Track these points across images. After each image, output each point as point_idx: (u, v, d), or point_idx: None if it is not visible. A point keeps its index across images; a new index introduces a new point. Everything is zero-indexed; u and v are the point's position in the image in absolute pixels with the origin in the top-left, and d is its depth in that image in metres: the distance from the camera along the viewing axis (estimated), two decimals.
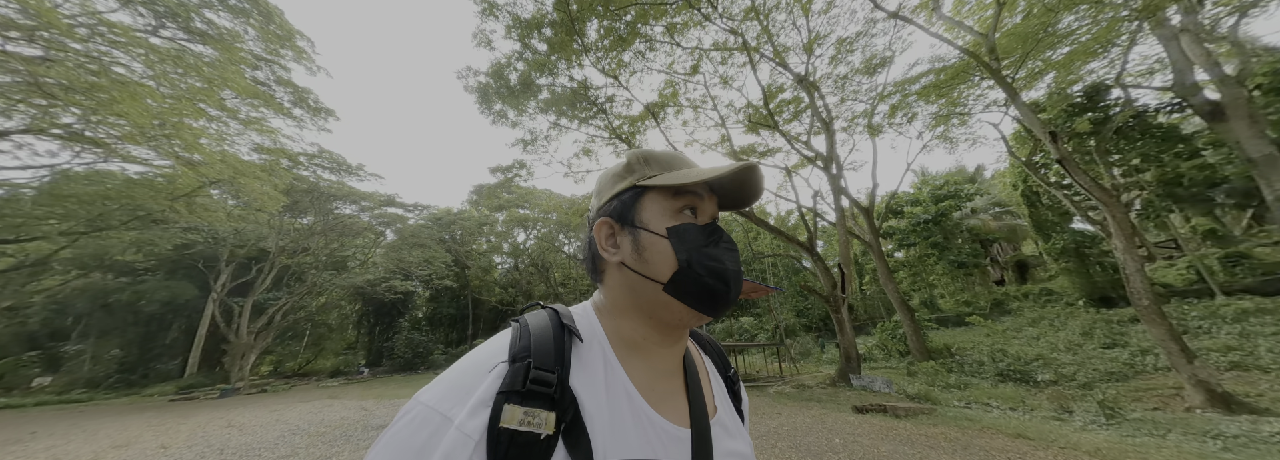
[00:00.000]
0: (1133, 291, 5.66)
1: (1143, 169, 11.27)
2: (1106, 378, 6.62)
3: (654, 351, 0.45)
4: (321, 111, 12.27)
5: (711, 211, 0.46)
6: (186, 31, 9.01)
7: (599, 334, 0.44)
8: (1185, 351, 5.21)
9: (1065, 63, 9.89)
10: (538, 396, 0.34)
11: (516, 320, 0.43)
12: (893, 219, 18.91)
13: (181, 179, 9.18)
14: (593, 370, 0.40)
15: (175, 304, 17.38)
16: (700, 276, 0.42)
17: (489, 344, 0.41)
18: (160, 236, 13.38)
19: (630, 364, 0.43)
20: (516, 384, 0.34)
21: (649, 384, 0.43)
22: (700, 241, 0.43)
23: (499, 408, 0.33)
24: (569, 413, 0.35)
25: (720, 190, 0.47)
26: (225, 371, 15.53)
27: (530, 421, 0.33)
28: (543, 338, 0.39)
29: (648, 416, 0.39)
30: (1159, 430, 3.77)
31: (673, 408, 0.43)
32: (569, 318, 0.43)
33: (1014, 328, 11.20)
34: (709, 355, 0.57)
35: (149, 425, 6.79)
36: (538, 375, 0.35)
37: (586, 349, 0.41)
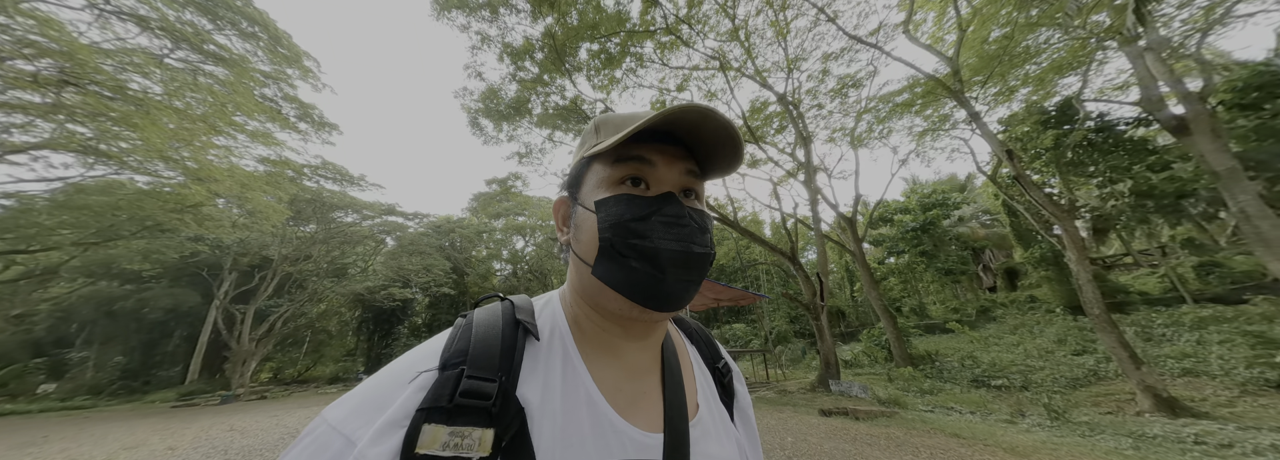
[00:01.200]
0: (1085, 301, 6.00)
1: (1117, 181, 11.68)
2: (1073, 383, 6.90)
3: (620, 346, 0.39)
4: (325, 126, 12.79)
5: (672, 179, 0.38)
6: (200, 53, 9.57)
7: (562, 327, 0.39)
8: (1134, 358, 5.53)
9: (1039, 78, 10.37)
10: (470, 411, 0.29)
11: (464, 315, 0.39)
12: (883, 226, 19.30)
13: (190, 191, 9.62)
14: (549, 373, 0.35)
15: (178, 311, 17.71)
16: (622, 257, 0.35)
17: (420, 347, 0.36)
18: (167, 245, 13.80)
19: (595, 361, 0.37)
20: (442, 398, 0.29)
21: (616, 384, 0.37)
22: (627, 214, 0.35)
23: (416, 428, 0.28)
24: (512, 428, 0.30)
25: (695, 151, 0.39)
26: (226, 378, 15.79)
27: (458, 443, 0.27)
28: (488, 337, 0.34)
29: (611, 424, 0.34)
30: (1092, 432, 4.07)
31: (644, 411, 0.37)
32: (528, 311, 0.39)
33: (997, 334, 11.48)
34: (695, 344, 0.50)
35: (154, 430, 7.09)
36: (471, 386, 0.30)
37: (544, 347, 0.36)
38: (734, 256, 19.30)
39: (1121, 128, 11.36)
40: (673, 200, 0.37)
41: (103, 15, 8.34)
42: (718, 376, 0.49)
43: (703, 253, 0.36)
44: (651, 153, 0.37)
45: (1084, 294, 5.96)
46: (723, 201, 11.01)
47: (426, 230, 22.21)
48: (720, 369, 0.49)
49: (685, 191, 0.39)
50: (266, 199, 10.59)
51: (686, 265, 0.35)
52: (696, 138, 0.37)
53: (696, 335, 0.52)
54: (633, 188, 0.37)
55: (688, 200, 0.39)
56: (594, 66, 9.38)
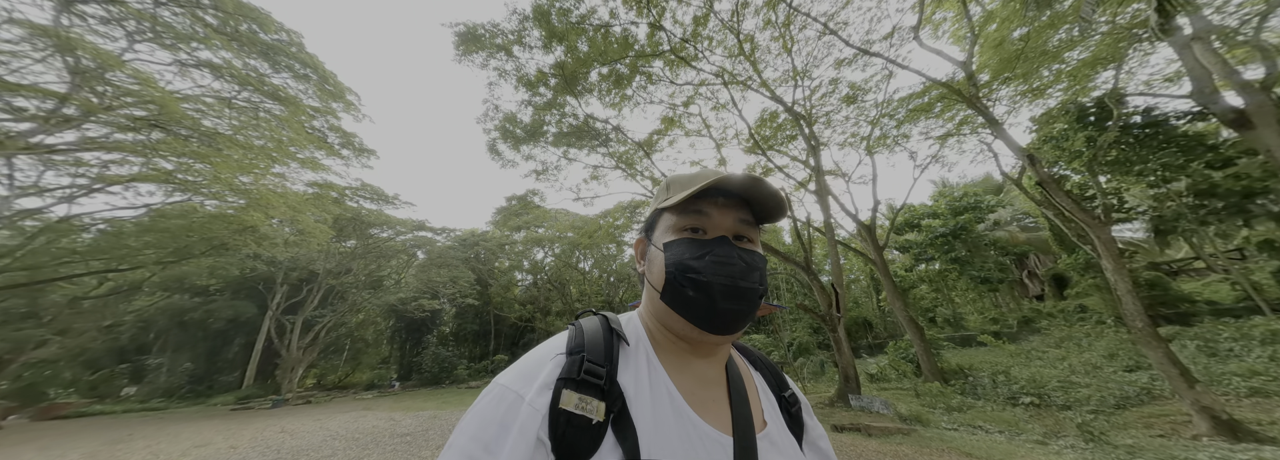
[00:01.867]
0: (1126, 313, 5.61)
1: (1171, 179, 10.75)
2: (1122, 402, 6.37)
3: (689, 360, 0.46)
4: (365, 152, 14.00)
5: (726, 226, 0.46)
6: (262, 94, 10.90)
7: (643, 338, 0.47)
8: (1186, 376, 5.09)
9: (1072, 73, 9.82)
10: (589, 386, 0.38)
11: (574, 324, 0.48)
12: (910, 232, 18.48)
13: (250, 215, 10.81)
14: (638, 370, 0.42)
15: (238, 321, 19.49)
16: (682, 287, 0.43)
17: (550, 341, 0.46)
18: (230, 262, 15.37)
19: (671, 367, 0.45)
20: (573, 372, 0.39)
21: (690, 389, 0.44)
22: (686, 254, 0.44)
23: (558, 391, 0.38)
24: (617, 404, 0.38)
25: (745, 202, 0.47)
26: (276, 383, 17.11)
27: (584, 406, 0.37)
28: (594, 337, 0.43)
29: (689, 418, 0.40)
30: (1130, 455, 3.80)
31: (715, 414, 0.43)
32: (617, 322, 0.47)
33: (1040, 348, 10.68)
34: (759, 371, 0.56)
35: (218, 430, 7.88)
36: (590, 367, 0.39)
37: (632, 351, 0.44)
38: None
39: (1172, 123, 10.53)
40: (725, 243, 0.45)
41: (185, 67, 9.75)
42: (784, 405, 0.53)
43: (749, 287, 0.43)
44: (709, 206, 0.46)
45: (1124, 305, 5.58)
46: None
47: (453, 243, 23.39)
48: (786, 398, 0.54)
49: (738, 237, 0.47)
50: (313, 220, 11.66)
51: (735, 296, 0.42)
52: (745, 192, 0.46)
53: (762, 364, 0.57)
54: (693, 234, 0.46)
55: (741, 243, 0.47)
56: (604, 88, 9.85)
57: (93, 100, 8.36)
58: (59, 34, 7.41)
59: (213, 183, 9.92)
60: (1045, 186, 6.13)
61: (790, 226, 9.95)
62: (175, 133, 8.79)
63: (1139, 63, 10.71)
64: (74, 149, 9.01)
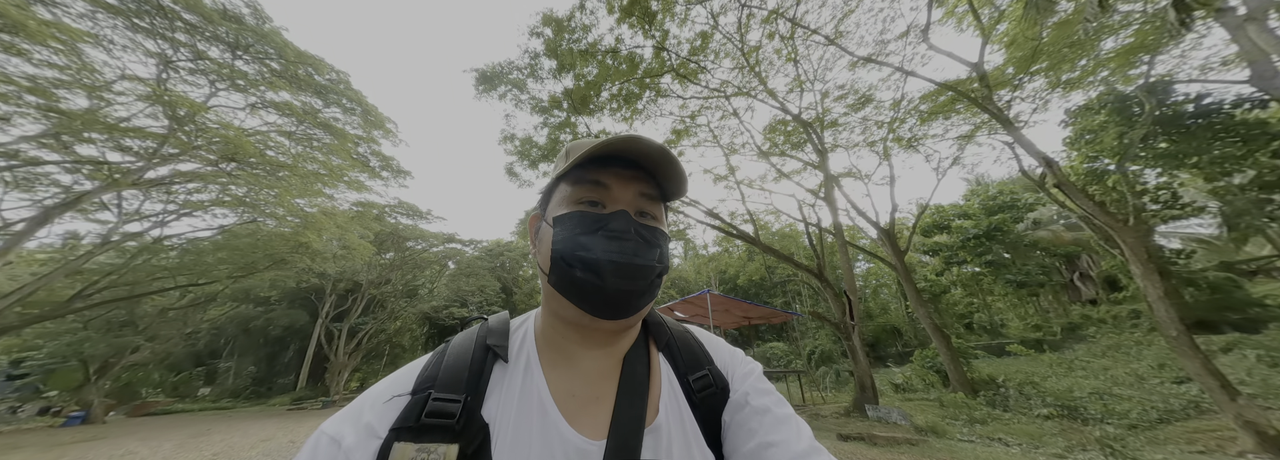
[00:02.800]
0: (1160, 321, 5.33)
1: (1231, 172, 9.83)
2: (1166, 415, 5.95)
3: (578, 353, 0.42)
4: (401, 173, 15.31)
5: (626, 199, 0.42)
6: (315, 126, 12.32)
7: (529, 341, 0.43)
8: (1227, 388, 4.78)
9: (1111, 61, 9.27)
10: (436, 429, 0.33)
11: (446, 342, 0.44)
12: (940, 234, 17.66)
13: (304, 234, 12.12)
14: (511, 388, 0.39)
15: (293, 328, 21.45)
16: (569, 267, 0.38)
17: (397, 372, 0.41)
18: (288, 275, 17.10)
19: (554, 369, 0.41)
20: (410, 419, 0.33)
21: (570, 391, 0.40)
22: (577, 228, 0.39)
23: (388, 446, 0.32)
24: (475, 442, 0.33)
25: (650, 174, 0.43)
26: (325, 386, 18.63)
27: (424, 458, 0.31)
28: (457, 362, 0.39)
29: (558, 431, 0.37)
30: None
31: (592, 417, 0.39)
32: (501, 333, 0.43)
33: (1085, 357, 9.96)
34: (668, 355, 0.48)
35: (278, 427, 8.87)
36: (437, 407, 0.34)
37: (510, 367, 0.40)
38: (765, 274, 18.81)
39: (1228, 110, 9.68)
40: (621, 216, 0.40)
41: (254, 108, 11.26)
42: (690, 390, 0.45)
43: (644, 265, 0.39)
44: (607, 176, 0.41)
45: (1156, 312, 5.30)
46: (746, 218, 11.19)
47: (480, 254, 24.68)
48: (693, 382, 0.46)
49: (640, 212, 0.42)
50: (357, 237, 12.91)
51: (627, 276, 0.38)
52: (652, 163, 0.41)
53: (672, 346, 0.49)
54: (589, 207, 0.41)
55: (642, 219, 0.42)
56: (614, 106, 10.39)
57: (184, 139, 9.87)
58: (160, 95, 8.85)
59: (277, 205, 11.29)
60: (1064, 190, 5.95)
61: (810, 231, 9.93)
62: (247, 164, 10.17)
63: (1191, 45, 9.97)
64: (168, 181, 10.59)
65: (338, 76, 12.40)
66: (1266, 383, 5.83)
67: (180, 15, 9.65)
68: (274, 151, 11.53)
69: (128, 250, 12.62)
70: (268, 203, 11.56)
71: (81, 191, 9.62)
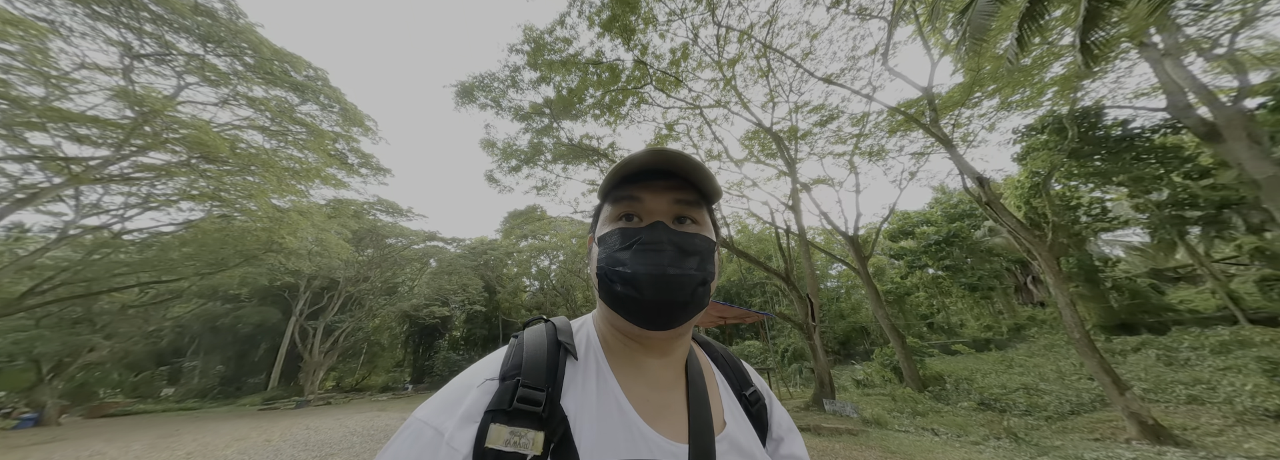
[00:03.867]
0: (1065, 324, 6.05)
1: (1151, 190, 10.97)
2: (1077, 407, 6.75)
3: (643, 361, 0.44)
4: (381, 171, 15.14)
5: (661, 210, 0.44)
6: (291, 121, 12.10)
7: (595, 344, 0.44)
8: (1117, 384, 5.52)
9: (1059, 83, 10.14)
10: (525, 415, 0.34)
11: (516, 336, 0.45)
12: (905, 239, 18.73)
13: (279, 234, 11.90)
14: (586, 385, 0.40)
15: (264, 326, 20.85)
16: (610, 282, 0.41)
17: (483, 361, 0.42)
18: (260, 272, 16.64)
19: (624, 374, 0.42)
20: (504, 402, 0.35)
21: (643, 396, 0.42)
22: (613, 245, 0.42)
23: (485, 426, 0.34)
24: (558, 432, 0.35)
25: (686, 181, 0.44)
26: (299, 386, 18.27)
27: (516, 442, 0.33)
28: (536, 355, 0.40)
29: (640, 431, 0.38)
30: (1040, 453, 4.30)
31: (669, 421, 0.41)
32: (567, 332, 0.44)
33: (1023, 355, 10.94)
34: (722, 369, 0.53)
35: (252, 428, 8.83)
36: (525, 394, 0.36)
37: (580, 364, 0.42)
38: (743, 275, 19.52)
39: (1149, 135, 10.78)
40: (658, 228, 0.42)
41: (226, 101, 11.00)
42: (745, 403, 0.50)
43: (681, 275, 0.40)
44: (639, 190, 0.44)
45: (1064, 317, 6.03)
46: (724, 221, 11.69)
47: (462, 252, 24.51)
48: (748, 396, 0.50)
49: (679, 219, 0.44)
50: (335, 236, 12.77)
51: (665, 287, 0.39)
52: (683, 170, 0.42)
53: (724, 361, 0.54)
54: (627, 222, 0.44)
55: (682, 226, 0.44)
56: (598, 112, 10.67)
57: (150, 132, 9.59)
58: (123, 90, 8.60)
59: (249, 199, 11.07)
60: (992, 207, 6.62)
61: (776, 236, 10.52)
62: (217, 160, 9.96)
63: (1124, 74, 11.02)
64: (130, 175, 10.26)
65: (315, 74, 12.21)
66: (1159, 379, 6.70)
67: (147, 6, 9.36)
68: (247, 146, 11.30)
69: (86, 244, 12.11)
70: (239, 197, 11.30)
71: (39, 188, 9.24)
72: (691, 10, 8.73)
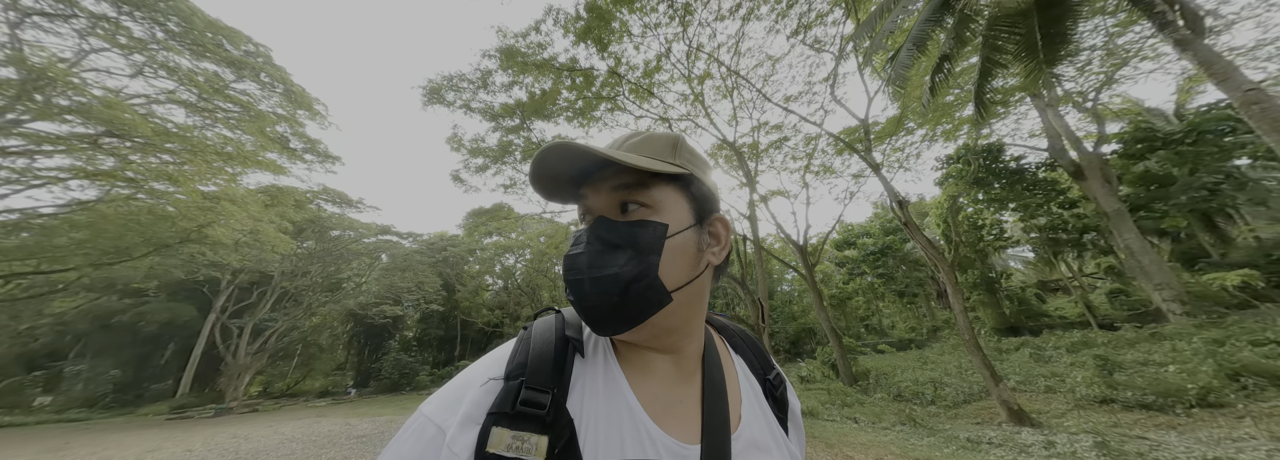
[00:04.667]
0: (959, 328, 7.21)
1: (1035, 216, 13.16)
2: (969, 397, 8.02)
3: (651, 358, 0.42)
4: (330, 158, 14.08)
5: (601, 203, 0.41)
6: (223, 98, 10.94)
7: (604, 341, 0.42)
8: (994, 376, 6.70)
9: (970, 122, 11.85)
10: (529, 419, 0.33)
11: (526, 327, 0.43)
12: (848, 249, 20.66)
13: (199, 216, 10.60)
14: (593, 384, 0.38)
15: (174, 325, 18.41)
16: (567, 286, 0.39)
17: (489, 356, 0.41)
18: (175, 264, 14.72)
19: (634, 372, 0.40)
20: (506, 405, 0.34)
21: (654, 394, 0.40)
22: (567, 248, 0.40)
23: (487, 429, 0.32)
24: (563, 437, 0.33)
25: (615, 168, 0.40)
26: (217, 392, 16.39)
27: (519, 447, 0.32)
28: (542, 353, 0.38)
29: (649, 433, 0.36)
30: (930, 434, 5.20)
31: (681, 420, 0.39)
32: (576, 326, 0.42)
33: (936, 354, 12.60)
34: (740, 353, 0.51)
35: (165, 438, 7.96)
36: (529, 397, 0.34)
37: (589, 362, 0.40)
38: None
39: (1035, 170, 12.93)
40: (596, 225, 0.40)
41: (143, 73, 9.76)
42: (768, 388, 0.48)
43: (598, 276, 0.37)
44: (585, 187, 0.41)
45: (958, 322, 7.18)
46: None
47: (419, 248, 23.24)
48: (771, 380, 0.49)
49: (624, 206, 0.40)
50: (274, 229, 11.72)
51: (589, 290, 0.37)
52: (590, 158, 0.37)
53: (743, 345, 0.52)
54: (580, 222, 0.42)
55: (628, 215, 0.40)
56: (569, 115, 10.81)
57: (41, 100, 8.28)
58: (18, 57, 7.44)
59: (167, 182, 9.81)
60: (908, 226, 7.70)
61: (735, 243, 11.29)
62: (129, 138, 8.82)
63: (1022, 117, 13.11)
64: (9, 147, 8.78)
65: (256, 49, 11.15)
66: (1028, 373, 8.17)
67: None
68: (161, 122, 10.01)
69: None
70: (150, 179, 9.94)
71: None
72: (665, 25, 9.22)
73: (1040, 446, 4.22)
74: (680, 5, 8.95)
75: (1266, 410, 4.78)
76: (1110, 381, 6.33)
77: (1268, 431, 4.16)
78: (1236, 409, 4.91)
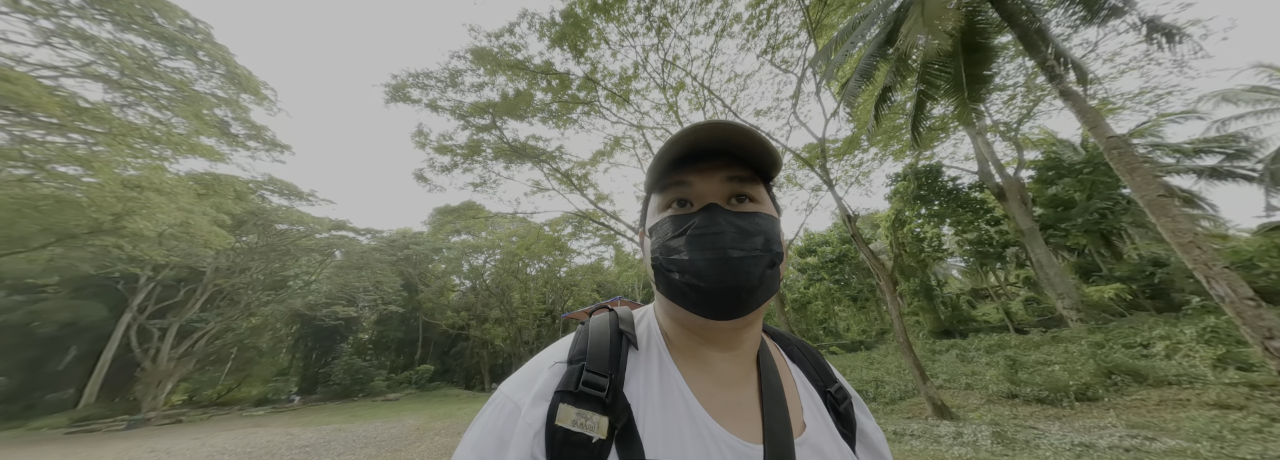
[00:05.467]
0: (895, 331, 7.95)
1: (966, 231, 14.68)
2: (904, 395, 8.83)
3: (709, 356, 0.42)
4: (277, 146, 13.10)
5: (713, 191, 0.41)
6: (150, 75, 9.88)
7: (656, 337, 0.43)
8: (922, 375, 7.45)
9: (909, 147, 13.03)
10: (590, 399, 0.35)
11: (583, 323, 0.45)
12: (810, 256, 21.92)
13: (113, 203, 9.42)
14: (648, 376, 0.39)
15: (78, 326, 16.24)
16: (668, 272, 0.39)
17: (555, 345, 0.43)
18: (83, 257, 13.02)
19: (688, 370, 0.41)
20: (571, 384, 0.36)
21: (709, 391, 0.40)
22: (666, 233, 0.40)
23: (555, 405, 0.35)
24: (622, 419, 0.35)
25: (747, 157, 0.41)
26: (131, 401, 14.63)
27: (583, 423, 0.34)
28: (599, 342, 0.40)
29: (708, 427, 0.37)
30: None
31: (739, 421, 0.39)
32: (629, 322, 0.44)
33: (881, 354, 13.68)
34: (798, 363, 0.51)
35: (66, 454, 7.08)
36: (590, 379, 0.36)
37: (642, 354, 0.41)
38: None
39: (968, 190, 14.44)
40: (712, 211, 0.40)
41: (50, 42, 8.65)
42: (830, 402, 0.47)
43: (742, 256, 0.37)
44: (687, 173, 0.41)
45: (894, 326, 7.92)
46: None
47: (378, 245, 21.97)
48: (832, 393, 0.48)
49: (736, 198, 0.41)
50: (209, 222, 10.73)
51: (728, 271, 0.37)
52: (736, 145, 0.39)
53: (801, 356, 0.52)
54: (678, 208, 0.42)
55: (741, 206, 0.41)
56: (545, 116, 10.78)
57: None
58: None
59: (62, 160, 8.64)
60: (854, 239, 8.40)
61: None
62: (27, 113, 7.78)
63: (960, 142, 14.56)
64: None
65: (194, 25, 10.20)
66: (954, 371, 9.14)
67: None
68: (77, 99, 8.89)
69: None
70: (53, 159, 8.78)
71: None
72: (642, 35, 9.47)
73: (950, 437, 4.81)
74: (657, 17, 9.25)
75: (1129, 403, 5.71)
76: (1015, 379, 7.23)
77: (1125, 420, 5.00)
78: (1106, 402, 5.83)
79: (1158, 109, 12.30)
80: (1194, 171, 12.10)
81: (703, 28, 9.90)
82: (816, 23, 9.03)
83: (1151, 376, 6.10)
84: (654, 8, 8.80)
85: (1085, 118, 4.31)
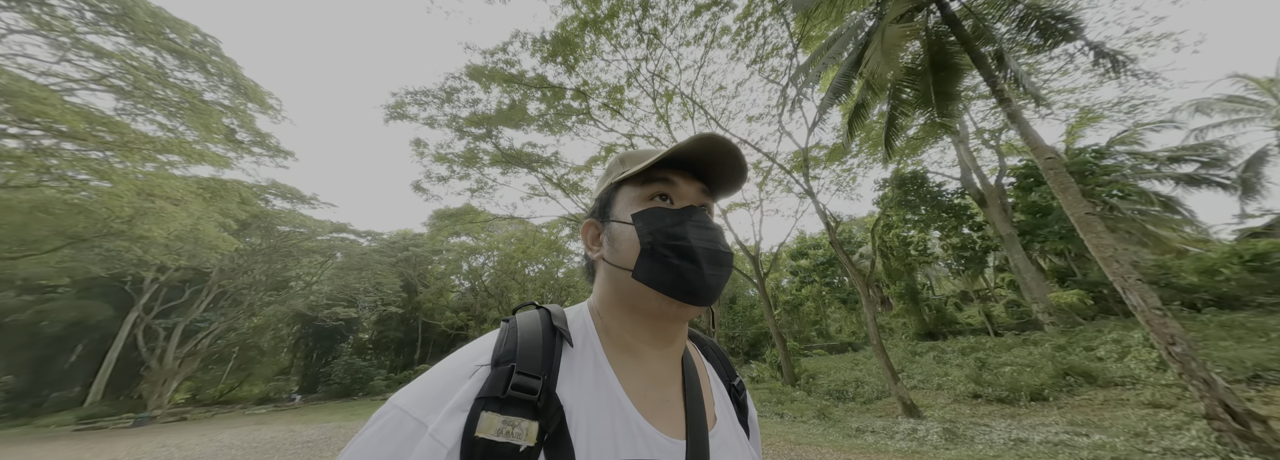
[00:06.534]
0: (869, 334, 8.35)
1: (950, 236, 15.07)
2: (881, 394, 9.22)
3: (646, 354, 0.44)
4: (281, 153, 13.51)
5: (691, 196, 0.46)
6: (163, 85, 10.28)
7: (592, 336, 0.43)
8: (894, 376, 7.85)
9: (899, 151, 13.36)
10: (519, 403, 0.33)
11: (506, 320, 0.43)
12: (802, 260, 22.31)
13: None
14: (582, 376, 0.39)
15: (84, 325, 16.63)
16: (664, 256, 0.41)
17: (473, 344, 0.41)
18: (91, 259, 13.42)
19: (623, 369, 0.42)
20: (497, 390, 0.33)
21: (642, 391, 0.41)
22: (664, 222, 0.43)
23: (475, 415, 0.32)
24: (554, 422, 0.34)
25: (703, 173, 0.47)
26: (136, 399, 15.03)
27: (509, 431, 0.31)
28: (530, 340, 0.39)
29: (639, 427, 0.38)
30: (832, 425, 6.13)
31: (667, 417, 0.41)
32: (562, 319, 0.43)
33: (866, 356, 14.07)
34: (711, 361, 0.55)
35: (82, 448, 7.48)
36: (521, 381, 0.34)
37: (577, 353, 0.41)
38: None
39: (951, 196, 14.82)
40: (693, 210, 0.45)
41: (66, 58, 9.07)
42: (733, 393, 0.53)
43: (727, 252, 0.44)
44: (675, 175, 0.46)
45: (869, 329, 8.31)
46: None
47: (378, 246, 22.35)
48: (735, 386, 0.54)
49: (702, 206, 0.47)
50: (215, 227, 11.15)
51: (716, 261, 0.42)
52: (705, 163, 0.45)
53: (713, 353, 0.57)
54: (661, 202, 0.45)
55: (705, 213, 0.47)
56: (541, 124, 11.18)
57: None
58: None
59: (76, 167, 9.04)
60: (836, 248, 8.79)
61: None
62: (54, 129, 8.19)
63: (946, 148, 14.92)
64: None
65: (204, 40, 10.61)
66: (929, 372, 9.52)
67: None
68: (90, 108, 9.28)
69: None
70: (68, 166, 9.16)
71: None
72: (634, 46, 9.86)
73: (904, 433, 5.20)
74: (648, 30, 9.64)
75: (1077, 402, 6.10)
76: (979, 380, 7.62)
77: (1067, 418, 5.39)
78: (1055, 402, 6.22)
79: (1135, 119, 12.69)
80: (1172, 178, 12.49)
81: (693, 39, 10.31)
82: (803, 35, 9.43)
83: (1101, 378, 6.49)
84: (644, 22, 9.20)
85: (1027, 138, 4.70)
